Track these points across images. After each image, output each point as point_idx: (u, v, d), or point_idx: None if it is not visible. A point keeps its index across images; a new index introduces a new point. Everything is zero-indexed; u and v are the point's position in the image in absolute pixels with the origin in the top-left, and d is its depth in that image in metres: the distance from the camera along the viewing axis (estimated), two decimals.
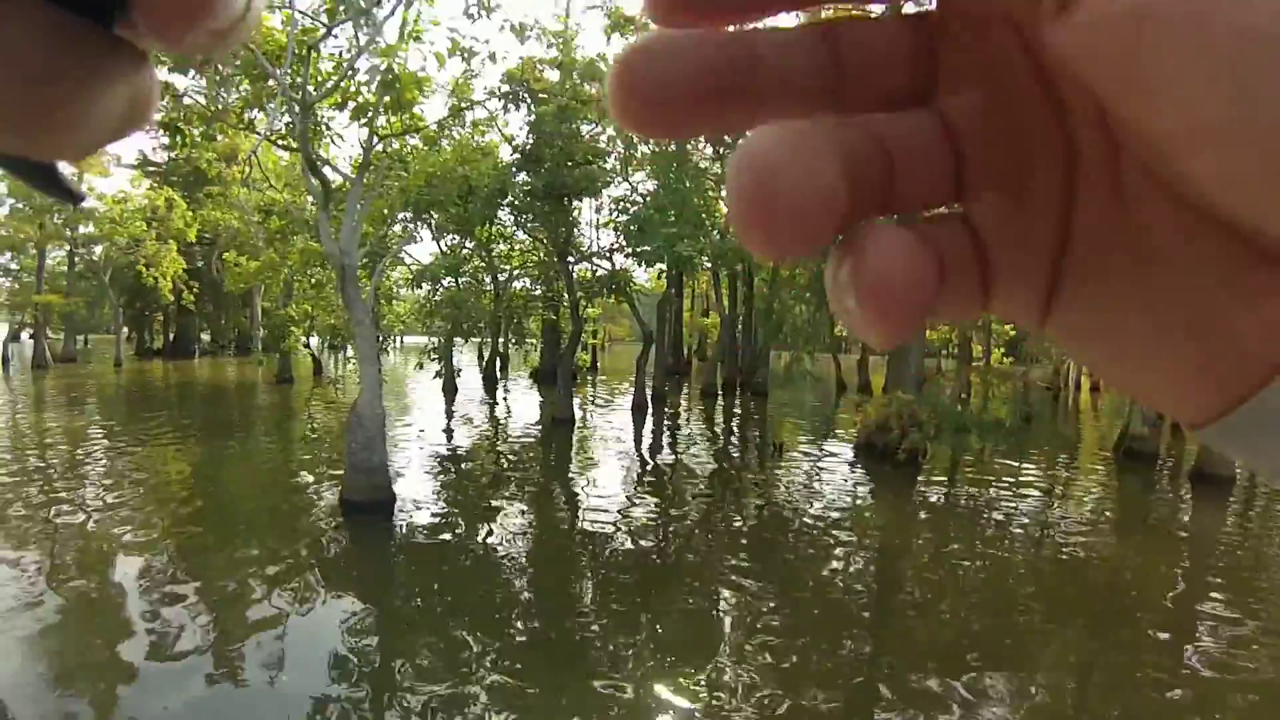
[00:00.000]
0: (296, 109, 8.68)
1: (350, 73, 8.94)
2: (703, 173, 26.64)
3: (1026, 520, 11.51)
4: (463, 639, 6.22)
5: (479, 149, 14.57)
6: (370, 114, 9.69)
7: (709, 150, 25.20)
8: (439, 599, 7.41)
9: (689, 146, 24.69)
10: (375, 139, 10.12)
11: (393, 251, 14.35)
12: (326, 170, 10.19)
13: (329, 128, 10.25)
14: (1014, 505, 12.42)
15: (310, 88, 8.77)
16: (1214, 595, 8.54)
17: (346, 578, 7.89)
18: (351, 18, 8.22)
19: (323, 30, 8.55)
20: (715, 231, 24.49)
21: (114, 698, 5.22)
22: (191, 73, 10.24)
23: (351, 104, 9.51)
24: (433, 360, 21.46)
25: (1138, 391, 0.21)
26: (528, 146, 17.85)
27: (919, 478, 13.97)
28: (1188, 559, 10.36)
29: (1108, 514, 12.57)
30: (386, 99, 9.31)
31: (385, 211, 13.79)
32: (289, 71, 8.48)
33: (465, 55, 9.79)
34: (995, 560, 9.59)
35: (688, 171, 25.76)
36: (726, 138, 24.42)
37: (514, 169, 17.62)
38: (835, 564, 9.15)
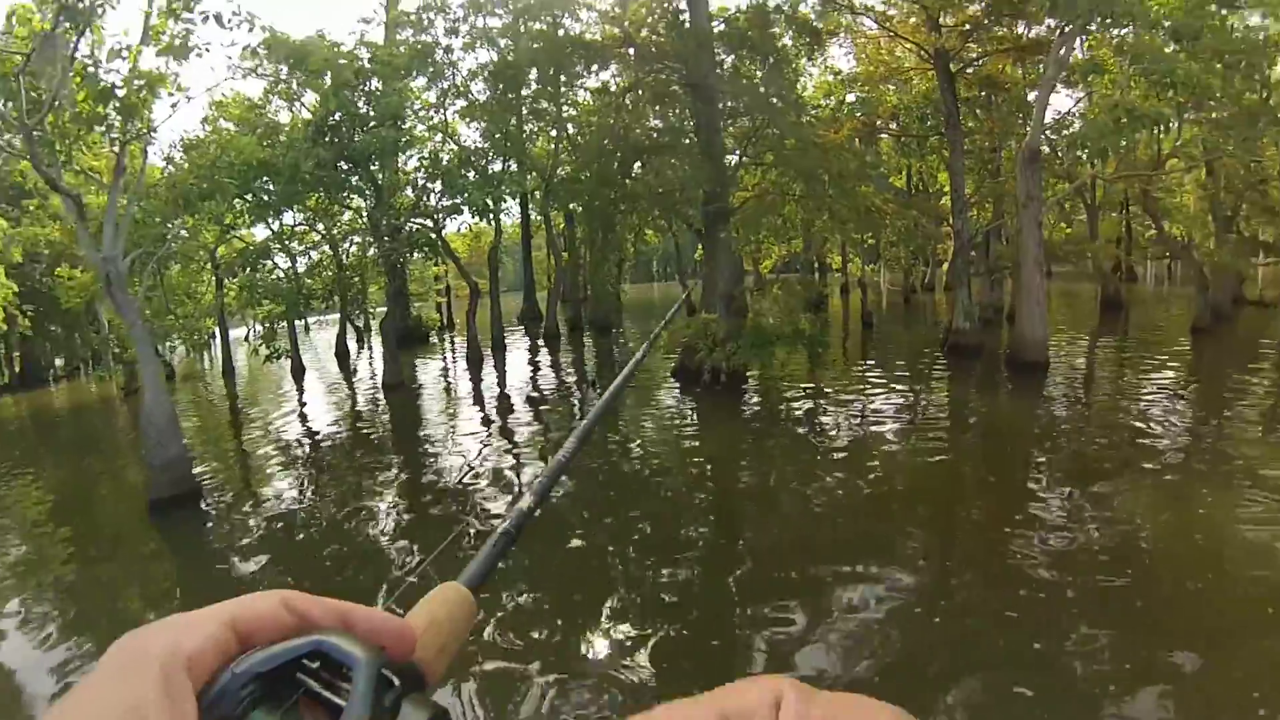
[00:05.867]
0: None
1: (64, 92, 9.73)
2: (542, 113, 27.82)
3: (855, 421, 13.33)
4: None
5: (236, 134, 15.29)
6: (107, 122, 10.55)
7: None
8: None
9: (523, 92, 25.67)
10: (123, 143, 10.97)
11: (166, 246, 15.08)
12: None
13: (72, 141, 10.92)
14: (843, 408, 14.38)
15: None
16: (1034, 471, 10.43)
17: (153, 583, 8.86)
18: (36, 47, 9.09)
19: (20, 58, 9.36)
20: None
21: None
22: None
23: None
24: (266, 347, 22.14)
25: None
26: (323, 119, 18.51)
27: (743, 393, 15.81)
28: (1010, 439, 12.31)
29: (932, 406, 14.83)
30: (114, 106, 10.18)
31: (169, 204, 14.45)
32: None
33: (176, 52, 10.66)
34: (824, 466, 10.94)
35: (523, 116, 26.95)
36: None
37: (309, 141, 18.23)
38: (665, 491, 10.35)
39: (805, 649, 5.85)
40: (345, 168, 18.55)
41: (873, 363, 20.27)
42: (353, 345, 33.64)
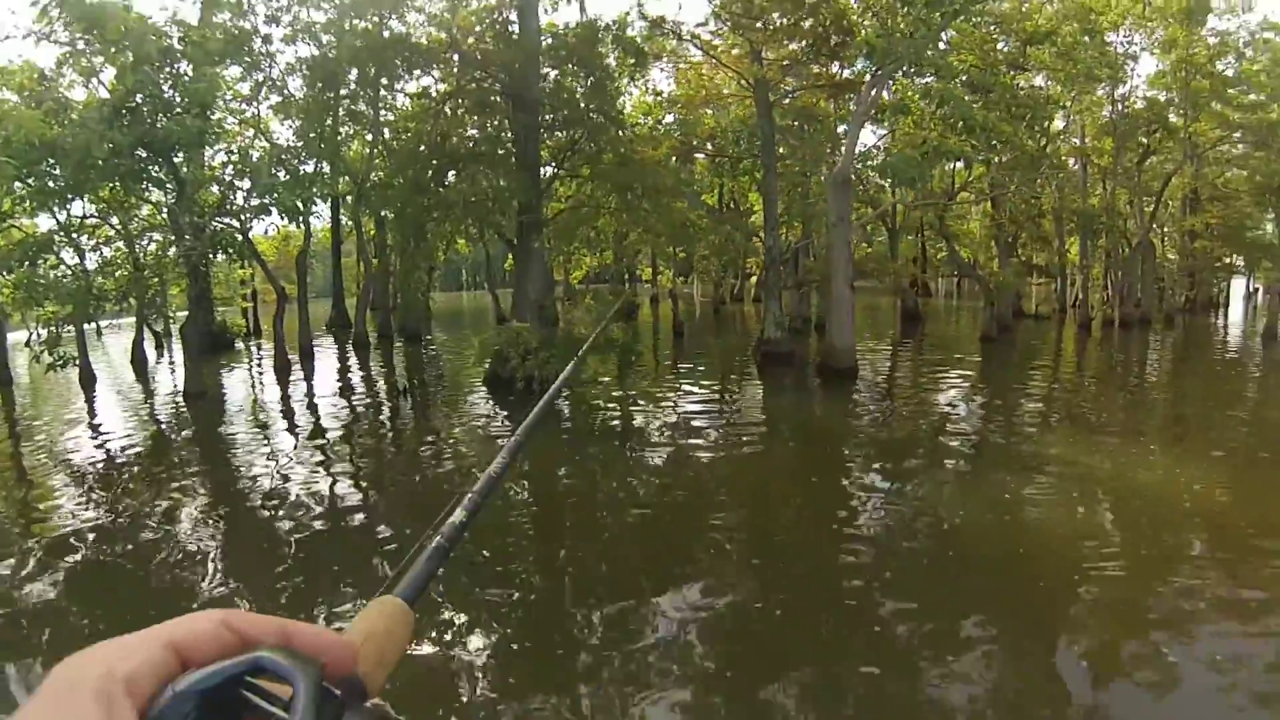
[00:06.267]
0: None
1: None
2: (359, 116, 26.99)
3: (672, 427, 13.92)
4: None
5: (17, 107, 14.05)
6: None
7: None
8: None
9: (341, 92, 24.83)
10: None
11: None
12: None
13: None
14: (659, 414, 15.02)
15: None
16: (851, 466, 11.54)
17: None
18: None
19: None
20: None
21: None
22: None
23: None
24: (50, 353, 20.08)
25: None
26: (121, 99, 17.20)
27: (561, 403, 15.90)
28: (827, 439, 13.41)
29: (750, 411, 15.90)
30: None
31: None
32: None
33: None
34: (643, 470, 11.36)
35: (339, 117, 26.07)
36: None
37: (104, 123, 16.83)
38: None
39: (647, 648, 5.88)
40: (144, 156, 17.38)
41: (686, 370, 21.21)
42: (151, 352, 31.37)
